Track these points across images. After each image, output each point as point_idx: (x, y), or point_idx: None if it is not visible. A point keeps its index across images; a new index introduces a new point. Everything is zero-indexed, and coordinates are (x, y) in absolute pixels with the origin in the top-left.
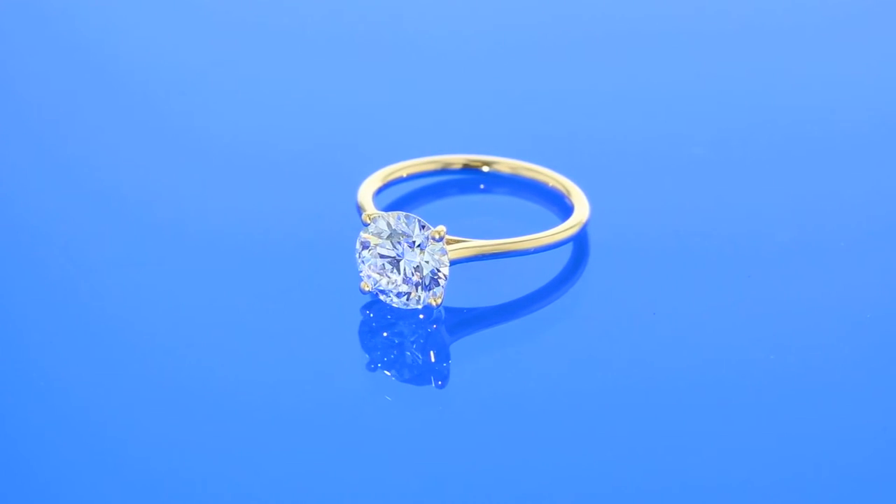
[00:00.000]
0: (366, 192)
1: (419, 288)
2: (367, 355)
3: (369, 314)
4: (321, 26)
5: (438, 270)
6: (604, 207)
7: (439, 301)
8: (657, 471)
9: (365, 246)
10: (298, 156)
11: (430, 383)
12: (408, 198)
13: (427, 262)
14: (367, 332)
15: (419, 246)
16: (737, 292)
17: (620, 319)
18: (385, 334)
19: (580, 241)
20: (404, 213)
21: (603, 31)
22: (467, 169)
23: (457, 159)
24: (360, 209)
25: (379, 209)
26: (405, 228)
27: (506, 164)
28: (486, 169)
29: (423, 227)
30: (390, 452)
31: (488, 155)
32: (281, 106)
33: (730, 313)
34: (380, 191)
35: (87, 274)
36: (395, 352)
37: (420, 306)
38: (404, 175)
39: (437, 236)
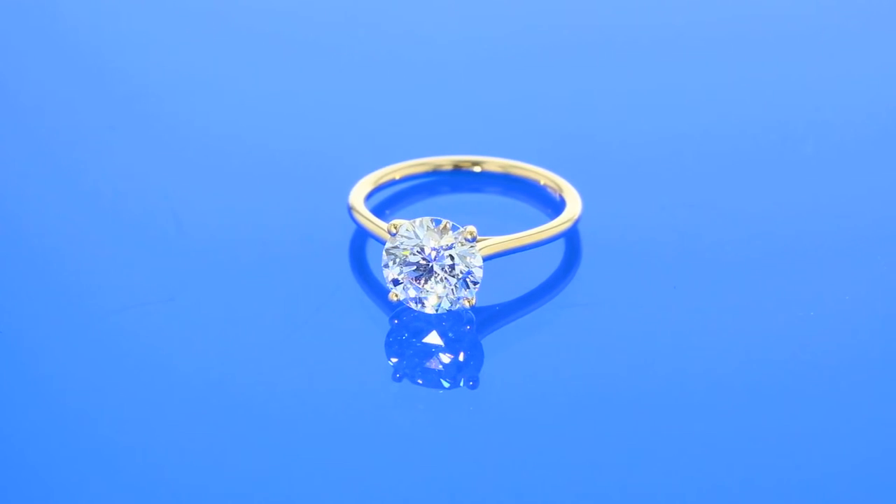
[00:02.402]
0: (357, 195)
1: (453, 290)
2: (396, 362)
3: (396, 322)
4: (311, 30)
5: (472, 271)
6: (595, 204)
7: (473, 302)
8: (659, 471)
9: (391, 255)
10: (290, 160)
11: (461, 384)
12: (401, 199)
13: (458, 263)
14: (396, 341)
15: (449, 248)
16: (731, 287)
17: (629, 306)
18: (414, 340)
19: (572, 237)
20: (431, 218)
21: (590, 29)
22: (458, 170)
23: (447, 160)
24: (351, 210)
25: (371, 210)
26: (434, 232)
27: (496, 164)
28: (477, 169)
29: (454, 228)
30: (431, 459)
31: (478, 155)
32: (271, 110)
33: (726, 309)
34: (371, 194)
35: (87, 275)
36: (424, 356)
37: (455, 308)
38: (397, 178)
39: (469, 237)
